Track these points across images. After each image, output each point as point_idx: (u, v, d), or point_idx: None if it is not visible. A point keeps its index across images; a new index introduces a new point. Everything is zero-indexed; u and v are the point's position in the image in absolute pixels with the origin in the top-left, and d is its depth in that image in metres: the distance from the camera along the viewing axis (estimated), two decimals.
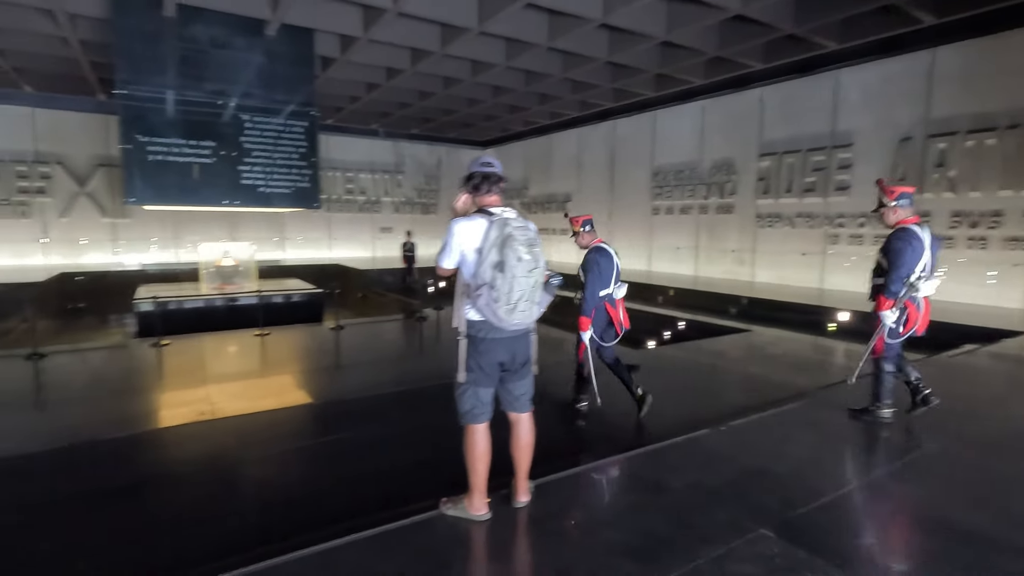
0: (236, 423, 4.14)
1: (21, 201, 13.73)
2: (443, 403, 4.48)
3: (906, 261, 3.32)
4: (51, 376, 5.92)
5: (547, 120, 16.06)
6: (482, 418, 2.37)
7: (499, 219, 2.24)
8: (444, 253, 2.31)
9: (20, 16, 8.57)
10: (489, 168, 2.36)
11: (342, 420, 4.23)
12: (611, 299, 3.94)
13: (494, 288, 2.15)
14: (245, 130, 9.27)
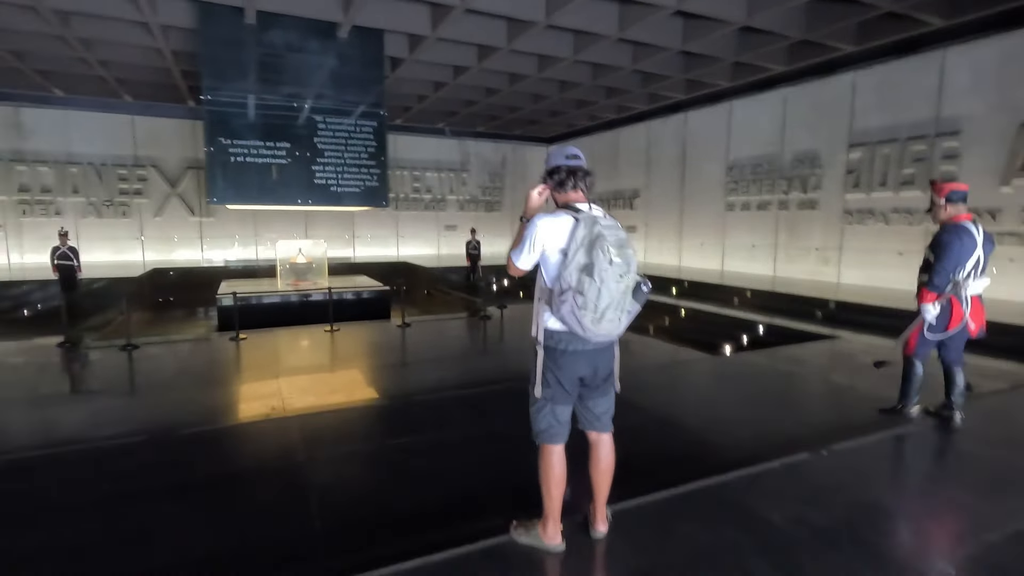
0: (304, 421, 4.17)
1: (122, 202, 14.92)
2: (507, 407, 4.48)
3: (953, 254, 3.23)
4: (141, 366, 6.29)
5: (614, 115, 15.63)
6: (559, 439, 2.16)
7: (587, 217, 2.00)
8: (520, 250, 2.07)
9: (119, 29, 9.22)
10: (576, 161, 2.12)
11: (407, 421, 4.19)
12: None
13: (581, 294, 1.92)
14: (318, 131, 9.55)
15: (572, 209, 2.06)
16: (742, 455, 3.17)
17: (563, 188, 2.13)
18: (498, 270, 14.82)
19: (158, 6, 8.39)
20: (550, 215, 2.07)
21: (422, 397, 4.72)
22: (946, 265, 3.23)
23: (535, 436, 2.19)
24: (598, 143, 17.44)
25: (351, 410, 4.53)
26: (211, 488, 3.06)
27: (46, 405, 4.93)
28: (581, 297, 1.92)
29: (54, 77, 12.31)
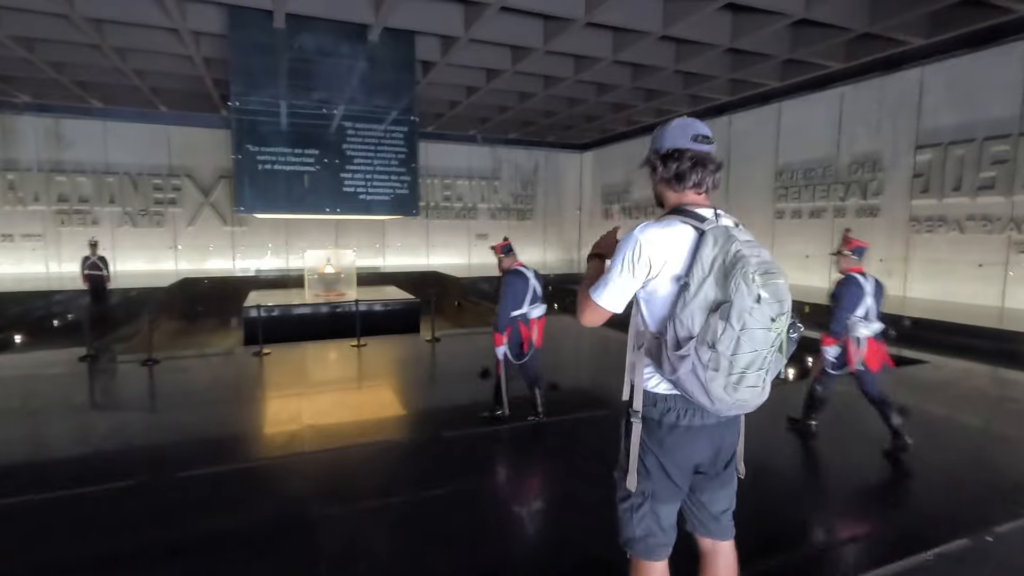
0: (323, 460, 3.71)
1: (157, 211, 15.01)
2: (554, 444, 4.00)
3: (847, 303, 3.74)
4: (158, 383, 5.99)
5: (653, 118, 14.99)
6: (661, 551, 1.55)
7: (717, 229, 1.40)
8: (608, 281, 1.47)
9: (151, 37, 9.12)
10: (707, 146, 1.53)
11: (440, 464, 3.67)
12: (525, 319, 4.18)
13: (710, 347, 1.30)
14: (347, 138, 9.24)
15: (690, 216, 1.45)
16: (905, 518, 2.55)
17: (681, 183, 1.51)
18: None
19: (187, 12, 8.24)
20: (657, 224, 1.45)
21: (456, 434, 4.17)
22: (840, 314, 3.76)
23: (624, 544, 1.59)
24: (636, 148, 16.80)
25: (375, 447, 4.03)
26: (205, 553, 2.60)
27: (44, 424, 4.64)
28: (710, 352, 1.30)
29: (92, 88, 12.43)
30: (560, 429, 4.25)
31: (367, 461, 3.75)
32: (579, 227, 20.48)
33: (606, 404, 4.79)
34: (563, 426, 4.29)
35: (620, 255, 1.46)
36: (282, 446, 4.02)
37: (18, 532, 2.82)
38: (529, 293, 4.17)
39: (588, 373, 6.90)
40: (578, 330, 9.84)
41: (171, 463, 3.64)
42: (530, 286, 4.19)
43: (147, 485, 3.36)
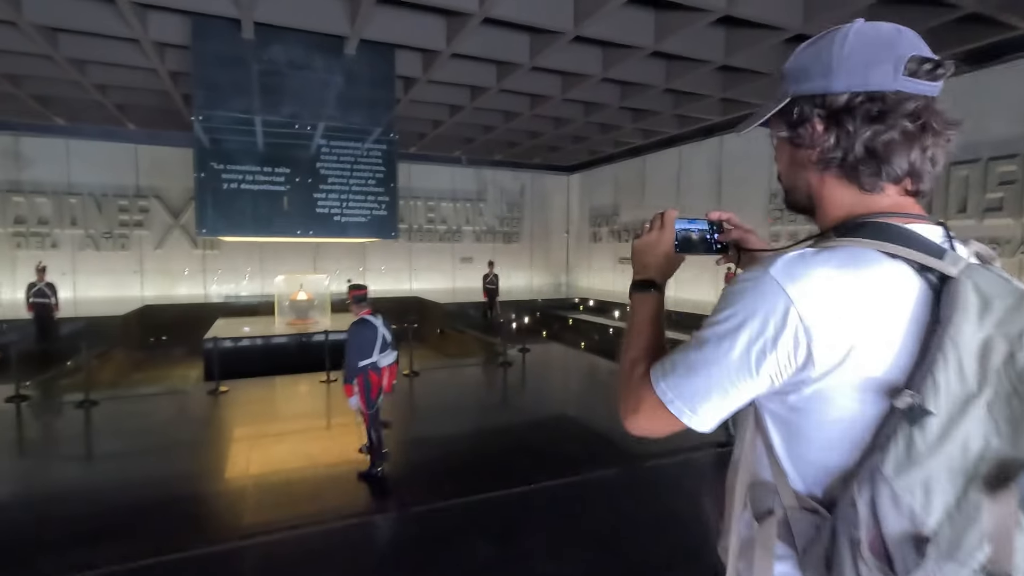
0: (267, 549, 2.99)
1: (122, 234, 14.20)
2: (541, 525, 3.36)
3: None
4: (89, 430, 5.22)
5: (641, 140, 14.67)
6: None
7: (976, 273, 0.68)
8: (698, 362, 0.78)
9: (110, 48, 8.52)
10: (935, 82, 0.79)
11: (408, 552, 2.98)
12: (375, 367, 4.24)
13: (956, 544, 0.60)
14: (322, 156, 8.64)
15: (904, 241, 0.73)
16: None
17: (879, 169, 0.78)
18: (519, 305, 13.70)
19: (148, 21, 7.65)
20: (827, 259, 0.73)
21: (425, 507, 3.47)
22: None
23: None
24: (624, 171, 16.49)
25: (325, 530, 3.28)
26: None
27: None
28: (956, 550, 0.60)
29: (53, 104, 11.73)
30: (561, 495, 3.59)
31: (317, 553, 3.04)
32: (567, 250, 20.02)
33: (613, 458, 4.13)
34: (562, 493, 3.63)
35: (730, 312, 0.75)
36: (214, 524, 3.30)
37: None
38: (378, 341, 4.26)
39: (586, 414, 6.24)
40: (565, 360, 9.21)
41: (79, 545, 2.92)
42: (379, 334, 4.27)
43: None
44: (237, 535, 3.02)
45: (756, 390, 0.77)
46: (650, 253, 1.01)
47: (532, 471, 3.96)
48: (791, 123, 0.83)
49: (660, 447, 4.51)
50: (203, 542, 3.00)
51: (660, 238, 1.01)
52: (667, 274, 1.01)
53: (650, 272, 1.00)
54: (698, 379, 0.77)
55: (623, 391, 0.87)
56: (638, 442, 4.63)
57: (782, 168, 0.94)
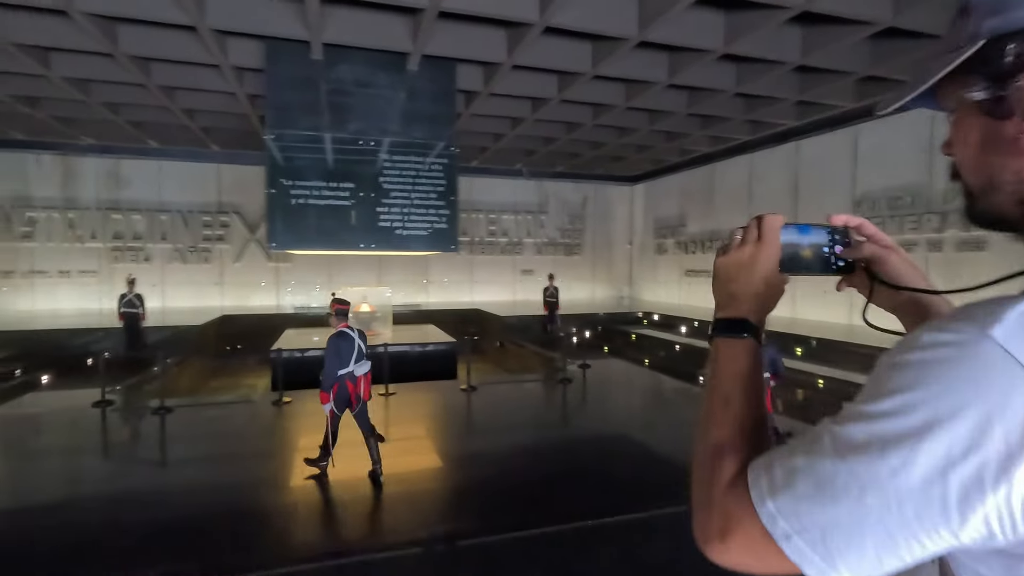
0: None
1: (205, 248, 15.15)
2: (604, 565, 3.09)
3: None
4: (163, 437, 5.44)
5: (709, 147, 14.07)
6: None
7: None
8: (856, 496, 0.46)
9: (194, 74, 9.09)
10: None
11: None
12: (352, 377, 4.46)
13: None
14: (384, 171, 8.80)
15: None
16: None
17: None
18: (580, 319, 13.39)
19: (227, 47, 8.10)
20: None
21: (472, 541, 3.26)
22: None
23: None
24: (691, 180, 15.88)
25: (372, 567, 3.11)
26: None
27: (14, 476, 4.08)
28: None
29: (147, 128, 12.71)
30: (621, 534, 3.31)
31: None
32: (630, 262, 19.49)
33: (684, 491, 3.80)
34: (624, 530, 3.35)
35: (908, 398, 0.45)
36: (261, 543, 3.28)
37: None
38: (354, 352, 4.51)
39: (652, 437, 5.87)
40: (628, 377, 8.83)
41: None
42: (355, 346, 4.52)
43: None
44: (280, 558, 2.96)
45: (953, 542, 0.44)
46: (742, 277, 0.69)
47: (592, 500, 3.70)
48: (992, 76, 0.52)
49: None
50: (248, 566, 2.97)
51: (758, 255, 0.69)
52: (767, 307, 0.70)
53: (742, 306, 0.69)
54: (839, 509, 0.46)
55: (700, 497, 0.59)
56: None
57: (967, 155, 0.57)
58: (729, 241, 0.73)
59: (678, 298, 16.67)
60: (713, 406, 0.64)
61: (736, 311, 0.68)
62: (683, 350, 10.79)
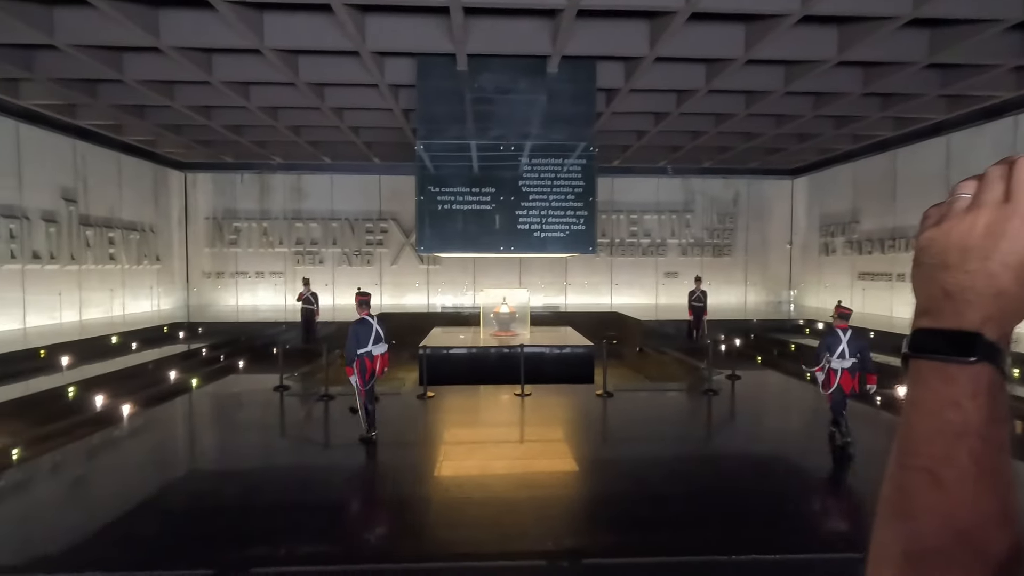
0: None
1: (367, 252, 16.78)
2: None
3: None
4: (331, 418, 6.05)
5: (890, 131, 12.15)
6: None
7: None
8: None
9: (358, 95, 10.09)
10: None
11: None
12: (370, 355, 5.35)
13: None
14: (524, 174, 8.94)
15: None
16: None
17: None
18: (729, 325, 12.41)
19: (384, 67, 8.84)
20: None
21: (601, 563, 3.03)
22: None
23: None
24: (866, 170, 13.90)
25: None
26: None
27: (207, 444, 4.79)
28: None
29: (322, 147, 14.42)
30: (772, 571, 2.92)
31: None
32: (789, 264, 17.63)
33: (854, 534, 3.26)
34: (775, 570, 2.94)
35: None
36: (400, 532, 3.46)
37: None
38: (372, 336, 5.39)
39: (814, 464, 5.19)
40: (786, 392, 7.93)
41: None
42: (372, 331, 5.43)
43: None
44: (410, 551, 3.09)
45: None
46: (972, 262, 0.42)
47: (740, 529, 3.32)
48: None
49: None
50: (380, 555, 3.14)
51: (1005, 225, 0.42)
52: (1017, 313, 0.42)
53: (968, 310, 0.42)
54: None
55: None
56: None
57: None
58: (948, 204, 0.46)
59: (849, 304, 14.63)
60: (911, 481, 0.41)
61: (958, 319, 0.42)
62: None
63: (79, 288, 12.29)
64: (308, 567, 2.88)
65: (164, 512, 3.73)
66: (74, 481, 4.53)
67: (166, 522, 3.57)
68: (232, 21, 6.77)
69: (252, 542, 3.23)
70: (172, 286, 16.05)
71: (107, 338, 10.04)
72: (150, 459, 5.14)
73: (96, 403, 6.92)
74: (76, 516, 3.74)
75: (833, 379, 5.08)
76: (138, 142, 13.81)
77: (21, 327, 10.65)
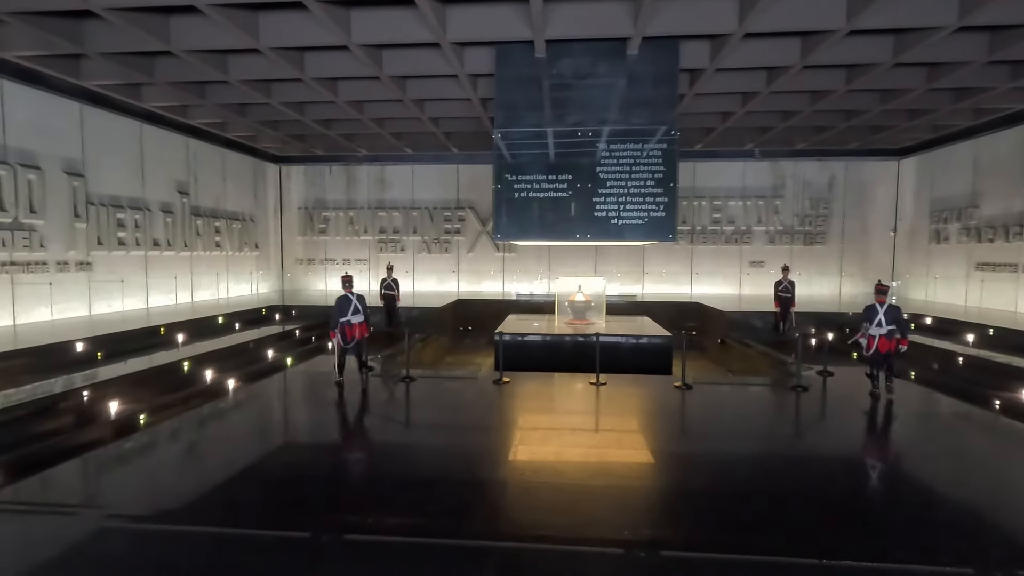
0: (508, 557, 3.03)
1: (445, 240, 17.22)
2: None
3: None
4: (412, 400, 6.32)
5: (1021, 103, 10.78)
6: None
7: None
8: None
9: (438, 86, 10.31)
10: None
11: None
12: (349, 323, 6.90)
13: None
14: (601, 160, 8.79)
15: None
16: None
17: None
18: (821, 318, 11.63)
19: (464, 57, 8.96)
20: None
21: (676, 555, 2.96)
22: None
23: None
24: (990, 147, 12.47)
25: (572, 559, 3.01)
26: None
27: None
28: None
29: (404, 138, 14.91)
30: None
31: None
32: (892, 253, 16.19)
33: (965, 551, 2.98)
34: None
35: None
36: (469, 512, 3.55)
37: None
38: (351, 308, 6.93)
39: (921, 472, 4.79)
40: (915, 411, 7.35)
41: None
42: (351, 304, 6.95)
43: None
44: (490, 532, 3.17)
45: None
46: None
47: (830, 534, 3.13)
48: None
49: None
50: (461, 532, 3.25)
51: None
52: None
53: None
54: None
55: None
56: (1019, 535, 3.25)
57: None
58: None
59: (964, 298, 13.26)
60: None
61: None
62: (968, 363, 8.53)
63: (191, 272, 13.56)
64: (396, 537, 3.04)
65: (263, 479, 4.06)
66: (188, 446, 5.04)
67: (265, 488, 3.88)
68: (323, 19, 7.13)
69: (342, 510, 3.46)
70: (269, 271, 17.31)
71: (215, 319, 11.02)
72: (252, 430, 5.61)
73: (206, 377, 7.64)
74: (189, 479, 4.16)
75: (871, 343, 6.40)
76: (240, 138, 14.93)
77: (145, 307, 11.92)
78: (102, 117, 10.85)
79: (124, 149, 11.56)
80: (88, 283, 10.69)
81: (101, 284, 11.00)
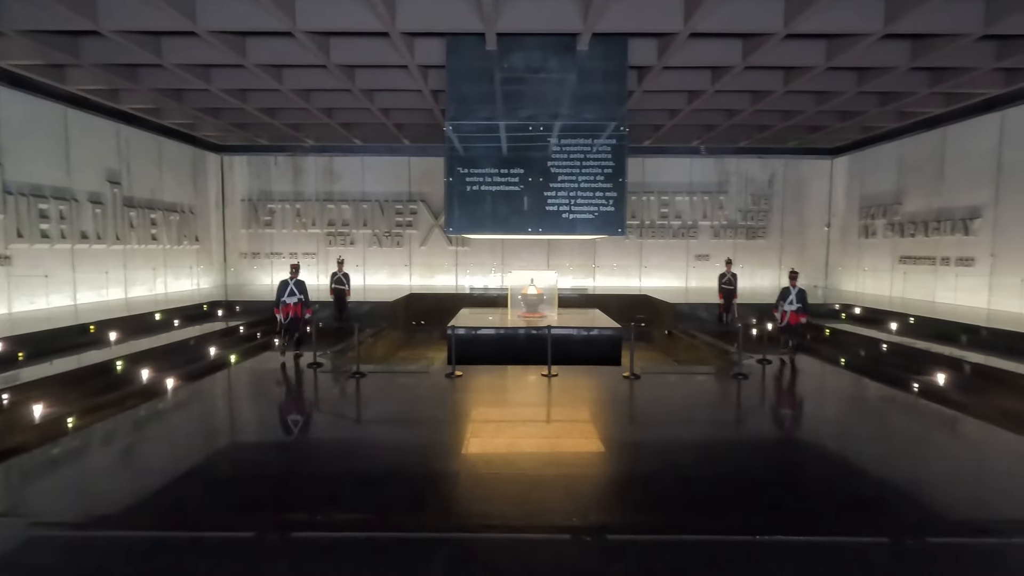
0: (461, 547, 3.05)
1: (397, 233, 16.98)
2: None
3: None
4: (361, 396, 6.22)
5: (939, 108, 11.59)
6: None
7: None
8: None
9: (388, 76, 10.12)
10: None
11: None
12: (285, 303, 8.31)
13: None
14: (552, 155, 8.88)
15: None
16: None
17: None
18: (762, 309, 12.17)
19: (414, 47, 8.83)
20: None
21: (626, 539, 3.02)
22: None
23: None
24: (913, 148, 13.35)
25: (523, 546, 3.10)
26: None
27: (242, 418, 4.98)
28: None
29: (353, 128, 14.56)
30: (796, 553, 2.91)
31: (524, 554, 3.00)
32: (826, 246, 17.12)
33: (881, 520, 3.22)
34: (800, 554, 2.93)
35: None
36: (428, 504, 3.55)
37: None
38: (287, 291, 8.34)
39: (845, 451, 5.11)
40: (820, 378, 7.78)
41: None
42: (288, 288, 8.37)
43: None
44: (442, 523, 3.18)
45: None
46: None
47: (769, 513, 3.31)
48: None
49: (967, 514, 3.38)
50: (414, 526, 3.25)
51: None
52: None
53: None
54: None
55: None
56: (931, 505, 3.54)
57: None
58: None
59: (889, 289, 14.19)
60: None
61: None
62: (892, 350, 9.16)
63: (124, 267, 12.82)
64: (344, 533, 3.00)
65: (207, 480, 3.92)
66: (124, 449, 4.79)
67: (209, 489, 3.75)
68: (265, 3, 6.85)
69: (290, 509, 3.38)
70: (211, 266, 16.59)
71: (151, 315, 10.47)
72: (193, 430, 5.39)
73: (142, 377, 7.27)
74: (126, 482, 3.96)
75: (783, 317, 8.46)
76: (177, 125, 14.19)
77: (72, 303, 11.19)
78: (21, 100, 10.08)
79: (47, 135, 10.79)
80: (7, 278, 9.95)
81: (22, 279, 10.26)
